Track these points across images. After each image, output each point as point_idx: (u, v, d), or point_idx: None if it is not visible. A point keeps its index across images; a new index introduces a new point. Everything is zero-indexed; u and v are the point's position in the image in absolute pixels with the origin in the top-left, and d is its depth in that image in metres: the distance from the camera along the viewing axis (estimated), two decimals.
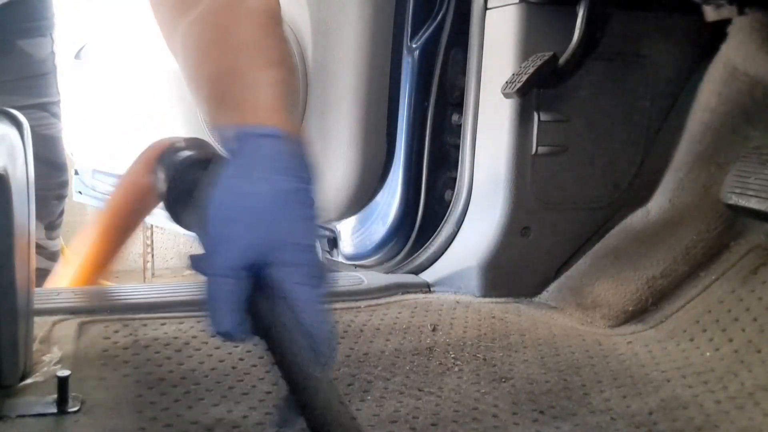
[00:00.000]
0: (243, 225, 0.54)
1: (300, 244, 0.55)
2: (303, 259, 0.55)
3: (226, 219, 0.55)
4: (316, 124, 1.20)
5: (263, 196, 0.55)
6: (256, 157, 0.58)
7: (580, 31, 1.00)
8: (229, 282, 0.54)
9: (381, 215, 1.21)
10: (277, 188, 0.56)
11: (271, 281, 0.54)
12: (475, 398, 0.74)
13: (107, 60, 1.73)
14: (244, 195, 0.56)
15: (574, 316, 1.03)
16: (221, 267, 0.54)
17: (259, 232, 0.54)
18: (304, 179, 0.58)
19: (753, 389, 0.77)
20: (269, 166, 0.57)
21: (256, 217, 0.54)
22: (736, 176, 1.00)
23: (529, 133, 1.05)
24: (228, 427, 0.64)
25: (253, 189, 0.56)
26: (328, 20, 1.16)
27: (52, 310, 0.85)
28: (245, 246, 0.54)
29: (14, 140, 0.65)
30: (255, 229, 0.54)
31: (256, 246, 0.54)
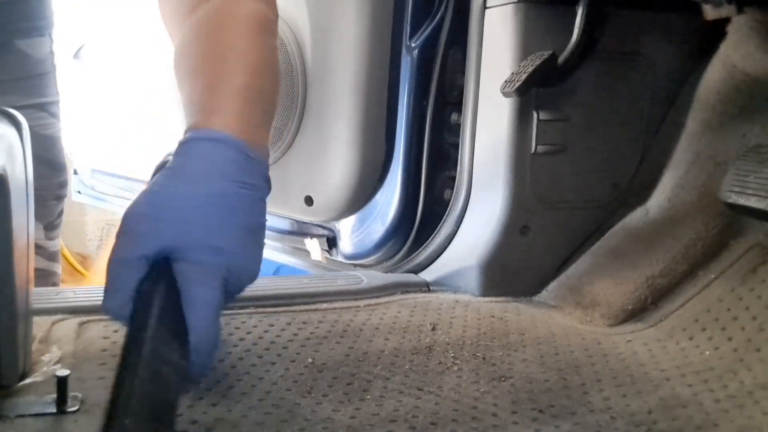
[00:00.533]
0: (154, 221, 0.55)
1: (214, 247, 0.55)
2: (213, 261, 0.55)
3: (139, 215, 0.56)
4: (315, 123, 1.20)
5: (186, 197, 0.56)
6: (193, 159, 0.59)
7: (579, 30, 1.00)
8: (123, 268, 0.54)
9: (380, 214, 1.21)
10: (204, 191, 0.57)
11: (172, 276, 0.54)
12: (475, 397, 0.74)
13: (107, 60, 1.73)
14: (167, 195, 0.57)
15: (573, 315, 1.03)
16: (119, 253, 0.55)
17: (169, 230, 0.55)
18: (243, 185, 0.59)
19: (752, 388, 0.78)
20: (204, 169, 0.58)
21: (171, 216, 0.55)
22: (736, 175, 1.00)
23: (528, 132, 1.05)
24: (227, 426, 0.64)
25: (178, 190, 0.57)
26: (327, 19, 1.16)
27: (52, 310, 0.85)
28: (148, 240, 0.55)
29: (13, 140, 0.65)
30: (166, 226, 0.55)
31: (162, 241, 0.54)
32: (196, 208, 0.56)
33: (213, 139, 0.59)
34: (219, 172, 0.58)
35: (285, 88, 1.22)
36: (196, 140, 0.60)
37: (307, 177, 1.23)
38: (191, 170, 0.58)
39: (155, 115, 1.57)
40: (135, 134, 1.64)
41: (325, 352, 0.82)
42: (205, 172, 0.58)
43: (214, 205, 0.57)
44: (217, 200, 0.57)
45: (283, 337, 0.86)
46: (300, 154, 1.23)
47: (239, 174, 0.59)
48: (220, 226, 0.56)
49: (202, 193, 0.57)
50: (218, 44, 0.68)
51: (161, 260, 0.54)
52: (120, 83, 1.68)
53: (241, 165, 0.60)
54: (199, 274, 0.55)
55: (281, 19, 1.21)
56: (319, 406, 0.69)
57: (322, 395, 0.72)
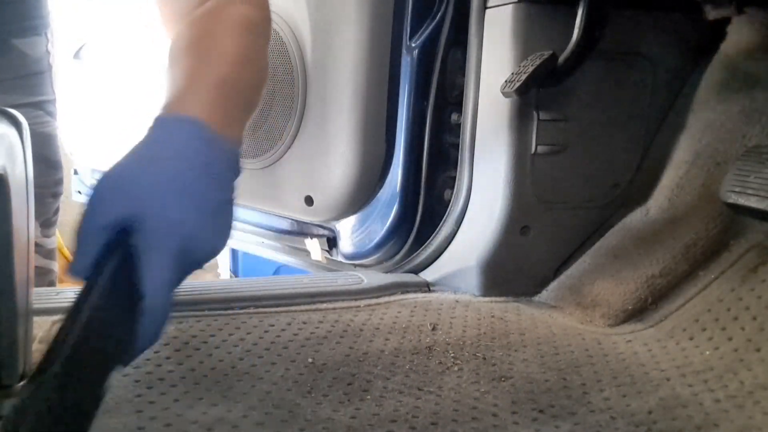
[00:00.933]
0: (115, 193, 0.58)
1: (169, 220, 0.58)
2: (166, 233, 0.58)
3: (103, 187, 0.59)
4: (315, 123, 1.20)
5: (148, 174, 0.59)
6: (159, 139, 0.62)
7: (579, 30, 1.00)
8: (86, 235, 0.57)
9: (380, 214, 1.21)
10: (165, 169, 0.59)
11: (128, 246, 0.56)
12: (475, 397, 0.74)
13: (107, 60, 1.73)
14: (132, 170, 0.60)
15: (573, 315, 1.03)
16: (84, 222, 0.57)
17: (128, 202, 0.57)
18: (205, 167, 0.61)
19: (752, 388, 0.78)
20: (168, 149, 0.61)
21: (132, 189, 0.58)
22: (736, 175, 1.00)
23: (528, 132, 1.05)
24: (228, 426, 0.64)
25: (142, 166, 0.60)
26: (328, 19, 1.16)
27: (52, 310, 0.85)
28: (109, 211, 0.57)
29: (13, 140, 0.65)
30: (126, 199, 0.58)
31: (121, 211, 0.57)
32: (156, 184, 0.58)
33: (181, 121, 0.62)
34: (182, 153, 0.61)
35: (285, 88, 1.22)
36: (166, 121, 0.62)
37: (307, 177, 1.23)
38: (156, 149, 0.61)
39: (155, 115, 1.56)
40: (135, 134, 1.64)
41: (325, 352, 0.82)
42: (168, 151, 0.61)
43: (173, 181, 0.59)
44: (176, 178, 0.59)
45: (284, 337, 0.86)
46: (300, 154, 1.23)
47: (201, 156, 0.61)
48: (176, 200, 0.58)
49: (162, 170, 0.59)
50: (203, 40, 0.72)
51: (121, 230, 0.57)
52: (120, 83, 1.68)
53: (205, 149, 0.62)
54: (153, 244, 0.57)
55: (281, 19, 1.21)
56: (319, 407, 0.69)
57: (322, 395, 0.72)
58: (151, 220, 0.57)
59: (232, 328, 0.87)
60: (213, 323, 0.88)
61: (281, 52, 1.21)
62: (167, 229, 0.57)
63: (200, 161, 0.61)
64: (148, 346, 0.57)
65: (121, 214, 0.57)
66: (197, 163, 0.61)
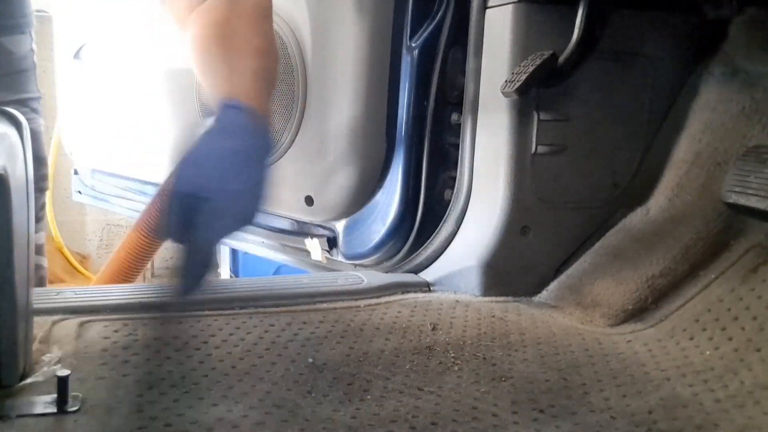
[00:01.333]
0: (194, 167, 0.74)
1: (229, 191, 0.75)
2: (227, 201, 0.75)
3: (186, 162, 0.74)
4: (315, 123, 1.20)
5: (217, 152, 0.75)
6: (227, 123, 0.78)
7: (579, 30, 1.00)
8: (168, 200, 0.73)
9: (380, 214, 1.21)
10: (228, 146, 0.76)
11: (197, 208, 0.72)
12: (475, 397, 0.74)
13: (107, 60, 1.73)
14: (206, 148, 0.76)
15: (573, 315, 1.03)
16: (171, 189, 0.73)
17: (202, 175, 0.74)
18: (255, 143, 0.78)
19: (753, 388, 0.78)
20: (233, 130, 0.77)
21: (206, 164, 0.74)
22: (736, 175, 1.00)
23: (528, 132, 1.05)
24: (228, 426, 0.64)
25: (214, 145, 0.76)
26: (328, 20, 1.16)
27: (52, 310, 0.86)
28: (188, 181, 0.73)
29: (13, 140, 0.65)
30: (201, 172, 0.74)
31: (197, 182, 0.73)
32: (221, 159, 0.75)
33: (239, 108, 0.78)
34: (243, 132, 0.78)
35: (285, 88, 1.22)
36: (228, 108, 0.79)
37: (307, 177, 1.23)
38: (225, 131, 0.77)
39: (155, 116, 1.57)
40: (135, 134, 1.64)
41: (325, 352, 0.82)
42: (233, 132, 0.77)
43: (236, 157, 0.76)
44: (238, 154, 0.76)
45: (284, 337, 0.86)
46: (300, 154, 1.23)
47: (252, 134, 0.78)
48: (236, 174, 0.75)
49: (228, 148, 0.76)
50: (230, 31, 0.85)
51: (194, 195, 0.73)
52: (120, 83, 1.68)
53: (256, 127, 0.79)
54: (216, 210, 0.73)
55: (281, 19, 1.21)
56: (319, 407, 0.69)
57: (322, 395, 0.72)
58: (217, 192, 0.73)
59: (233, 328, 0.87)
60: (213, 323, 0.88)
61: (281, 52, 1.21)
62: (227, 199, 0.74)
63: (253, 141, 0.78)
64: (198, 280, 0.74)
65: (195, 184, 0.73)
66: (251, 143, 0.78)
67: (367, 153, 1.17)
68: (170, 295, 0.75)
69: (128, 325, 0.85)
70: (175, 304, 0.80)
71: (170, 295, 0.75)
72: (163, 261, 3.75)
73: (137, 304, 0.91)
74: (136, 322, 0.86)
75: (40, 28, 1.69)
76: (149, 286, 0.99)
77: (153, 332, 0.83)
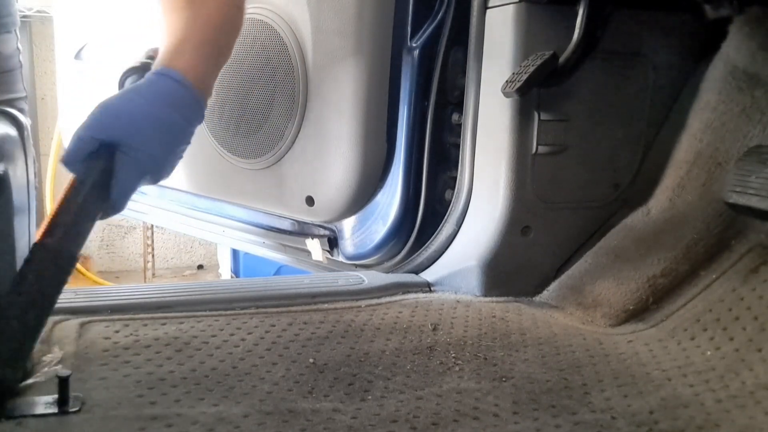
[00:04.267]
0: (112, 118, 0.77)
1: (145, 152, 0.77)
2: (139, 158, 0.77)
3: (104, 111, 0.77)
4: (315, 124, 1.20)
5: (140, 110, 0.78)
6: (153, 87, 0.81)
7: (580, 30, 1.00)
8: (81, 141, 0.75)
9: (381, 215, 1.21)
10: (154, 110, 0.79)
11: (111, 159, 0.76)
12: (476, 397, 0.74)
13: (108, 60, 1.73)
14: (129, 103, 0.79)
15: (574, 315, 1.03)
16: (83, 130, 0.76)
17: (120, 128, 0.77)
18: (182, 116, 0.81)
19: (754, 388, 0.77)
20: (160, 96, 0.80)
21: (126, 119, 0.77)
22: (737, 175, 1.00)
23: (529, 133, 1.05)
24: (229, 426, 0.64)
25: (136, 103, 0.78)
26: (328, 20, 1.16)
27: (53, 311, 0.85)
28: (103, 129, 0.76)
29: (15, 141, 0.65)
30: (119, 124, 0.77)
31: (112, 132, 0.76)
32: (136, 117, 0.77)
33: (172, 78, 0.81)
34: (169, 101, 0.80)
35: (285, 89, 1.22)
36: (161, 75, 0.81)
37: (307, 177, 1.23)
38: (149, 94, 0.79)
39: None
40: None
41: (326, 352, 0.82)
42: (159, 98, 0.79)
43: (149, 116, 0.78)
44: (152, 113, 0.78)
45: (285, 338, 0.86)
46: (301, 155, 1.23)
47: (182, 107, 0.81)
48: (152, 135, 0.78)
49: (151, 111, 0.78)
50: (194, 3, 0.87)
51: (107, 146, 0.75)
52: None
53: (185, 100, 0.81)
54: (128, 162, 0.76)
55: (282, 19, 1.21)
56: (320, 407, 0.69)
57: (323, 395, 0.72)
58: (131, 147, 0.76)
59: (233, 328, 0.87)
60: (214, 324, 0.88)
61: (282, 52, 1.21)
62: (140, 156, 0.76)
63: (172, 103, 0.80)
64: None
65: (108, 135, 0.75)
66: (177, 114, 0.80)
67: (368, 153, 1.17)
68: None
69: (129, 325, 0.85)
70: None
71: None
72: (163, 261, 3.76)
73: (138, 305, 0.91)
74: (136, 323, 0.86)
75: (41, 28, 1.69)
76: (150, 286, 0.99)
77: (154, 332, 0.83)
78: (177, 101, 0.80)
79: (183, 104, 0.81)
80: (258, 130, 1.27)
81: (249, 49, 1.25)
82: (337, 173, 1.19)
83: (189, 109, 0.82)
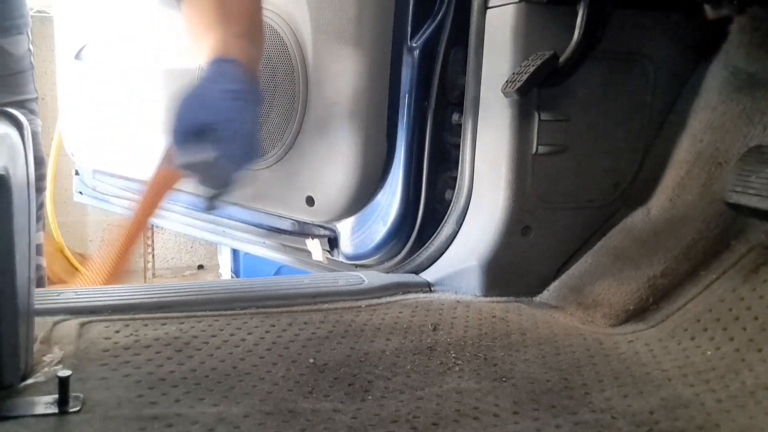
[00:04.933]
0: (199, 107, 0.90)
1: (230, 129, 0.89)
2: (227, 134, 0.89)
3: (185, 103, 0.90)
4: (316, 124, 1.20)
5: (217, 95, 0.90)
6: (218, 70, 0.92)
7: (580, 30, 1.00)
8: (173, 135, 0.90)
9: (381, 215, 1.21)
10: (224, 88, 0.90)
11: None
12: (476, 397, 0.74)
13: (108, 60, 1.73)
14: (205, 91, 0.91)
15: (575, 315, 1.03)
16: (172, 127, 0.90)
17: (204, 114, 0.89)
18: (248, 88, 0.92)
19: (754, 388, 0.77)
20: (225, 77, 0.91)
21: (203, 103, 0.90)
22: (737, 175, 1.00)
23: (529, 133, 1.05)
24: (229, 426, 0.64)
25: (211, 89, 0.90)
26: (328, 19, 1.16)
27: (53, 311, 0.86)
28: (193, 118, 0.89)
29: (15, 141, 0.65)
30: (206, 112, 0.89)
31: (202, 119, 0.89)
32: (221, 101, 0.89)
33: (231, 61, 0.92)
34: (236, 79, 0.91)
35: (286, 88, 1.22)
36: (221, 61, 0.92)
37: (308, 177, 1.23)
38: (219, 78, 0.91)
39: (156, 116, 1.56)
40: (136, 135, 1.65)
41: (326, 352, 0.82)
42: (228, 79, 0.91)
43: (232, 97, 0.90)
44: (234, 94, 0.90)
45: (285, 338, 0.86)
46: (301, 155, 1.23)
47: (247, 82, 0.92)
48: (233, 112, 0.90)
49: (224, 90, 0.90)
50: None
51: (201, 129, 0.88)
52: (121, 84, 1.68)
53: (247, 77, 0.93)
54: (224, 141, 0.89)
55: (282, 19, 1.21)
56: (320, 407, 0.69)
57: (323, 396, 0.72)
58: (221, 128, 0.88)
59: (234, 328, 0.87)
60: (214, 324, 0.88)
61: (282, 52, 1.21)
62: (231, 133, 0.89)
63: (248, 86, 0.92)
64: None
65: (203, 120, 0.88)
66: (245, 87, 0.91)
67: (368, 153, 1.17)
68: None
69: (129, 325, 0.85)
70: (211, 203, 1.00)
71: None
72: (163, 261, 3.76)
73: (138, 305, 0.91)
74: (136, 322, 0.86)
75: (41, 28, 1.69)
76: (150, 287, 0.99)
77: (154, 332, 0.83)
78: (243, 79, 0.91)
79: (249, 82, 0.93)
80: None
81: None
82: (338, 173, 1.19)
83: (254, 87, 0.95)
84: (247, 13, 0.99)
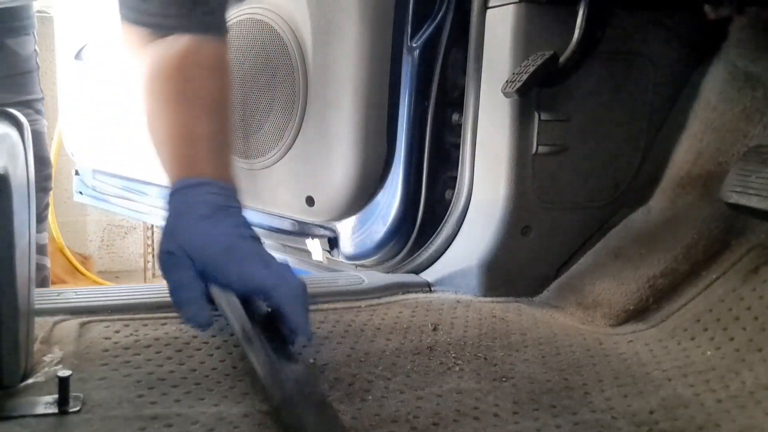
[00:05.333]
0: (186, 255, 0.77)
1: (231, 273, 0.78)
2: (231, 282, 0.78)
3: (169, 251, 0.78)
4: (315, 124, 1.20)
5: (204, 233, 0.78)
6: (191, 202, 0.79)
7: (580, 30, 1.00)
8: (186, 284, 0.79)
9: (381, 215, 1.21)
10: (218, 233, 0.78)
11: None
12: (476, 397, 0.74)
13: (108, 60, 1.73)
14: (190, 232, 0.78)
15: (575, 315, 1.03)
16: (178, 273, 0.78)
17: (198, 259, 0.77)
18: (226, 208, 0.80)
19: (754, 388, 0.77)
20: (202, 208, 0.78)
21: (203, 251, 0.77)
22: (737, 175, 1.00)
23: (529, 133, 1.05)
24: (229, 426, 0.64)
25: (197, 228, 0.78)
26: (328, 19, 1.16)
27: (53, 310, 0.86)
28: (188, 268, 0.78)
29: (15, 140, 0.65)
30: (200, 259, 0.78)
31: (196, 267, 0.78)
32: (213, 247, 0.77)
33: (196, 185, 0.80)
34: (211, 206, 0.79)
35: (285, 89, 1.22)
36: (187, 188, 0.80)
37: (308, 177, 1.23)
38: (195, 212, 0.79)
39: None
40: (137, 135, 1.64)
41: (326, 352, 0.82)
42: (204, 211, 0.78)
43: (226, 248, 0.77)
44: (226, 242, 0.78)
45: None
46: (301, 155, 1.23)
47: (223, 202, 0.80)
48: (225, 259, 0.77)
49: (215, 235, 0.78)
50: (189, 86, 0.83)
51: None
52: (121, 84, 1.68)
53: (222, 196, 0.81)
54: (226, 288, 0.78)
55: (282, 19, 1.21)
56: None
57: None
58: (220, 274, 0.77)
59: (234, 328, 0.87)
60: (214, 323, 0.88)
61: (282, 52, 1.21)
62: (231, 279, 0.77)
63: (222, 209, 0.79)
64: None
65: (197, 268, 0.77)
66: (232, 226, 0.79)
67: (368, 153, 1.17)
68: None
69: (129, 325, 0.85)
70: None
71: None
72: None
73: (138, 305, 0.91)
74: (136, 322, 0.86)
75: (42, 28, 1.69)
76: (150, 286, 0.99)
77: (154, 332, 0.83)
78: (214, 199, 0.80)
79: (220, 200, 0.81)
80: (258, 130, 1.27)
81: (249, 49, 1.25)
82: (338, 173, 1.19)
83: (228, 200, 0.82)
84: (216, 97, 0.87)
